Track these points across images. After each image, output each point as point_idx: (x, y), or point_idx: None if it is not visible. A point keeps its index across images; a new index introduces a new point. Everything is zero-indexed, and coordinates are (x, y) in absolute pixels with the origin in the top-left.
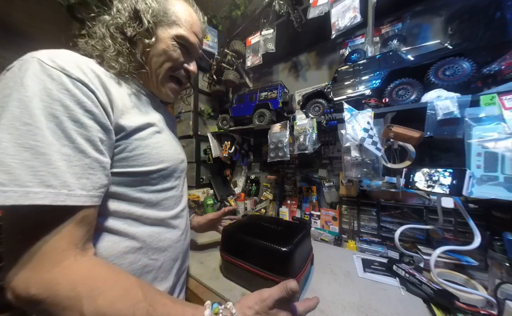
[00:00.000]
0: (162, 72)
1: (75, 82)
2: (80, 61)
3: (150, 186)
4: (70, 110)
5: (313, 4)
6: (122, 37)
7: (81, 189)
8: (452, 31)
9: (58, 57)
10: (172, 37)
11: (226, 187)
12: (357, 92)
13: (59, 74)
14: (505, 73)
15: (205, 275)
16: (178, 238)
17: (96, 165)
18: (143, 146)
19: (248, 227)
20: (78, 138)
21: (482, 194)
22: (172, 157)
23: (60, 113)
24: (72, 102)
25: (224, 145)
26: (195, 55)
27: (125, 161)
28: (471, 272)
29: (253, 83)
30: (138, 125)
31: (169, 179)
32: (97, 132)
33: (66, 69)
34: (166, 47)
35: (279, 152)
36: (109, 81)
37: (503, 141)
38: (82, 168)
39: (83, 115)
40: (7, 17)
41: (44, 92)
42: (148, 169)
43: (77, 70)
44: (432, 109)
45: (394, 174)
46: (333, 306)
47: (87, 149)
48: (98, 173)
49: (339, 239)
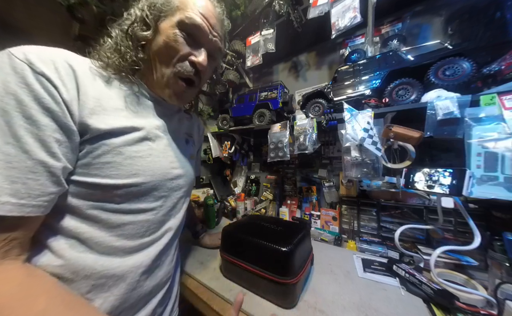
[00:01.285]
0: (168, 72)
1: (37, 76)
2: (57, 55)
3: (112, 204)
4: (23, 105)
5: (313, 4)
6: (127, 37)
7: (10, 195)
8: (451, 31)
9: (32, 52)
10: (174, 25)
11: (226, 187)
12: (357, 92)
13: (23, 67)
14: (505, 73)
15: (205, 275)
16: (132, 280)
17: (41, 169)
18: (113, 154)
19: (248, 227)
20: (26, 136)
21: (482, 194)
22: (153, 171)
23: (10, 107)
24: (28, 96)
25: (224, 145)
26: (207, 46)
27: (85, 168)
28: (471, 272)
29: (253, 83)
30: (113, 128)
31: (143, 198)
32: (53, 131)
33: (33, 61)
34: (166, 38)
35: (279, 152)
36: (90, 78)
37: (503, 141)
38: (21, 171)
39: (39, 111)
40: (7, 17)
41: (1, 85)
42: (111, 182)
43: (45, 63)
44: (432, 109)
45: (394, 174)
46: (333, 306)
47: (33, 150)
48: (42, 178)
49: (339, 239)
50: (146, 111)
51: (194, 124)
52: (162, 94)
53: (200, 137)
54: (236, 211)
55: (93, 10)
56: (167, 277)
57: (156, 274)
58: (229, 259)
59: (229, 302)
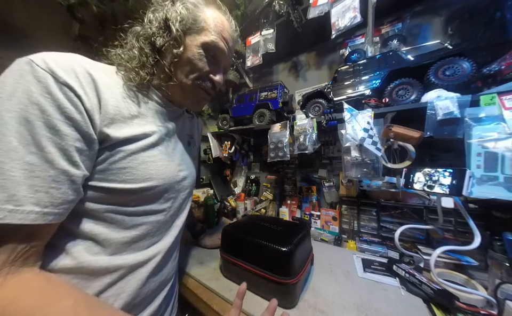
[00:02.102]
0: (188, 83)
1: (61, 85)
2: (77, 64)
3: (127, 207)
4: (47, 115)
5: (313, 4)
6: (150, 47)
7: (34, 204)
8: (451, 31)
9: (52, 59)
10: (199, 45)
11: (226, 187)
12: (357, 92)
13: (45, 76)
14: (505, 73)
15: (205, 275)
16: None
17: (63, 178)
18: (129, 159)
19: (248, 227)
20: (49, 146)
21: (482, 194)
22: (164, 174)
23: (34, 117)
24: (52, 106)
25: (224, 145)
26: (224, 65)
27: (102, 174)
28: (471, 272)
29: (253, 83)
30: (129, 136)
31: (155, 200)
32: (75, 141)
33: (55, 71)
34: (191, 56)
35: (279, 152)
36: (109, 86)
37: (503, 141)
38: (44, 180)
39: (61, 121)
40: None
41: (24, 94)
42: (127, 187)
43: (67, 72)
44: (432, 109)
45: (394, 174)
46: (333, 306)
47: (55, 159)
48: (64, 187)
49: (339, 239)
50: (156, 116)
51: (195, 124)
52: (184, 101)
53: (199, 137)
54: (236, 211)
55: (93, 10)
56: (171, 274)
57: (162, 271)
58: (229, 259)
59: (229, 302)
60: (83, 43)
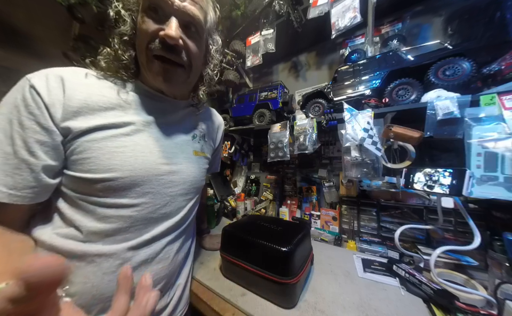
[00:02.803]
0: (142, 57)
1: (30, 88)
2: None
3: (95, 197)
4: (19, 113)
5: (313, 4)
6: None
7: (2, 185)
8: (452, 31)
9: (40, 72)
10: (141, 12)
11: (226, 187)
12: (357, 92)
13: (24, 84)
14: (505, 73)
15: (205, 275)
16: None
17: (23, 166)
18: (93, 149)
19: (248, 227)
20: (17, 139)
21: (482, 194)
22: (132, 167)
23: (13, 117)
24: (22, 106)
25: (224, 145)
26: (171, 12)
27: (73, 164)
28: (471, 272)
29: (253, 83)
30: (94, 126)
31: (123, 193)
32: (35, 133)
33: (30, 78)
34: (138, 27)
35: (279, 152)
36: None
37: (503, 141)
38: (11, 167)
39: (26, 116)
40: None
41: (12, 101)
42: (90, 176)
43: (38, 78)
44: (432, 109)
45: (394, 174)
46: (333, 306)
47: (19, 150)
48: (25, 173)
49: (339, 239)
50: (139, 108)
51: (208, 119)
52: (155, 83)
53: (216, 133)
54: (236, 211)
55: (93, 10)
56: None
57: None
58: (229, 259)
59: (229, 302)
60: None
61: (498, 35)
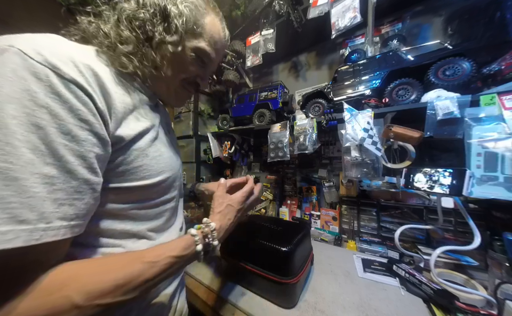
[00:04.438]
0: (175, 82)
1: (68, 84)
2: (73, 52)
3: (149, 201)
4: (60, 119)
5: (313, 4)
6: (143, 35)
7: (61, 219)
8: (452, 31)
9: (45, 49)
10: (193, 48)
11: None
12: (357, 92)
13: (47, 73)
14: (505, 73)
15: (205, 275)
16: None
17: (85, 188)
18: (142, 156)
19: (248, 227)
20: (67, 155)
21: (482, 194)
22: (171, 166)
23: (46, 123)
24: (63, 109)
25: (224, 145)
26: (210, 71)
27: (122, 175)
28: (471, 272)
29: (253, 83)
30: (138, 132)
31: (168, 190)
32: (93, 146)
33: (58, 66)
34: (184, 57)
35: (279, 152)
36: (108, 80)
37: (503, 141)
38: (67, 193)
39: (76, 125)
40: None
41: (26, 96)
42: (147, 183)
43: (71, 67)
44: (432, 109)
45: (394, 174)
46: (333, 306)
47: (76, 169)
48: (87, 197)
49: (339, 239)
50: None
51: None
52: (166, 97)
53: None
54: None
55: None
56: None
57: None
58: (229, 259)
59: (229, 302)
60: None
61: (498, 35)
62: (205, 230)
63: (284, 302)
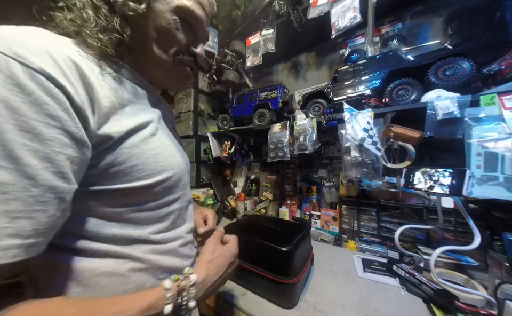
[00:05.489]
0: (168, 60)
1: (34, 74)
2: (50, 43)
3: (151, 203)
4: (19, 114)
5: (313, 4)
6: (106, 6)
7: (12, 236)
8: (452, 31)
9: (10, 38)
10: (172, 10)
11: (226, 187)
12: (357, 92)
13: (8, 62)
14: (505, 73)
15: None
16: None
17: (50, 197)
18: (136, 155)
19: (248, 227)
20: (27, 156)
21: (482, 194)
22: (174, 165)
23: (0, 118)
24: (24, 103)
25: (224, 145)
26: (201, 35)
27: (115, 177)
28: (471, 272)
29: (253, 83)
30: (129, 129)
31: (173, 190)
32: (63, 146)
33: (23, 54)
34: (166, 24)
35: (279, 152)
36: (91, 72)
37: (503, 141)
38: (25, 203)
39: (41, 122)
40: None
41: None
42: (146, 183)
43: (40, 55)
44: (432, 109)
45: (394, 174)
46: (333, 306)
47: (39, 174)
48: (52, 208)
49: (339, 239)
50: (143, 104)
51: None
52: (165, 82)
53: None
54: (236, 211)
55: None
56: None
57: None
58: None
59: (229, 302)
60: None
61: (498, 35)
62: (181, 283)
63: (284, 302)
